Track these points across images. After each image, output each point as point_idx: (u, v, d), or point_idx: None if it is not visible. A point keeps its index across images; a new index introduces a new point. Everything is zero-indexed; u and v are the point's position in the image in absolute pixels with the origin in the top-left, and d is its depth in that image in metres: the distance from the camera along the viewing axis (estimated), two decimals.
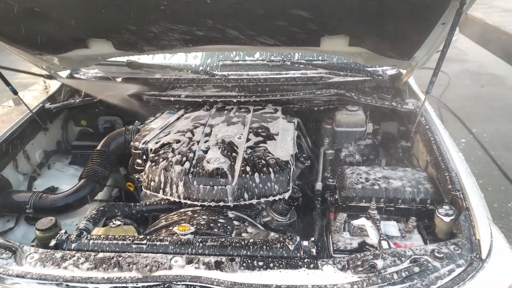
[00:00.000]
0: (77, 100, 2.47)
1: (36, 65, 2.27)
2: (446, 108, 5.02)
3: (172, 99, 2.34)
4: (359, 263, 1.28)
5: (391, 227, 1.58)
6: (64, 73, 2.61)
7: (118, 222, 1.65)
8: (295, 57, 2.60)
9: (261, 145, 1.89)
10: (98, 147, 2.17)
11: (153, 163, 1.81)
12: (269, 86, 2.36)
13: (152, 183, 1.77)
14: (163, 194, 1.74)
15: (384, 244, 1.42)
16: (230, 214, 1.75)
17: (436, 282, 1.20)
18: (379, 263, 1.26)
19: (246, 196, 1.69)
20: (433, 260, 1.26)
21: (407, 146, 2.25)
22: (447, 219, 1.46)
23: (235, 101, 2.34)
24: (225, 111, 2.29)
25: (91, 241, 1.46)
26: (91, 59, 2.24)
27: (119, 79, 2.53)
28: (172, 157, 1.81)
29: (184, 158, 1.78)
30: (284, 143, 1.93)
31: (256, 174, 1.70)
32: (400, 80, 2.37)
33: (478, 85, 5.87)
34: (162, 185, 1.74)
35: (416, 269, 1.23)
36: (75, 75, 2.62)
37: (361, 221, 1.59)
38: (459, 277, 1.22)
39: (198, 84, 2.45)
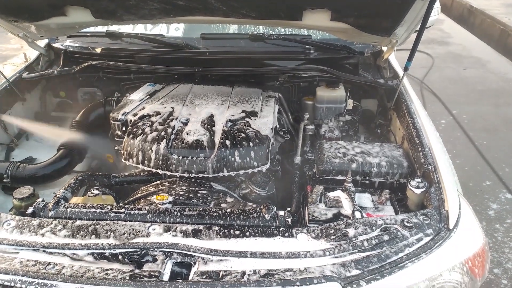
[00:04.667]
0: (55, 71, 2.42)
1: (12, 32, 2.20)
2: (428, 89, 5.10)
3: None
4: (332, 231, 1.32)
5: (365, 199, 1.62)
6: (42, 42, 2.55)
7: (96, 192, 1.65)
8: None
9: (242, 118, 1.90)
10: (77, 118, 2.14)
11: (132, 135, 1.80)
12: (251, 60, 2.35)
13: (131, 155, 1.77)
14: (143, 166, 1.75)
15: (357, 214, 1.46)
16: (214, 185, 1.76)
17: (404, 249, 1.25)
18: (351, 231, 1.31)
19: (225, 168, 1.70)
20: (402, 229, 1.31)
21: (385, 123, 2.29)
22: (418, 191, 1.51)
23: (216, 74, 2.33)
24: (207, 85, 2.27)
25: (68, 209, 1.47)
26: (69, 28, 2.18)
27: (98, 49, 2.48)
28: (151, 129, 1.81)
29: (163, 132, 1.78)
30: (264, 117, 1.94)
31: (236, 147, 1.71)
32: (381, 58, 2.39)
33: (461, 68, 5.95)
34: (141, 157, 1.75)
35: (386, 237, 1.28)
36: (53, 44, 2.56)
37: (337, 193, 1.63)
38: (427, 245, 1.27)
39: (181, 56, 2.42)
